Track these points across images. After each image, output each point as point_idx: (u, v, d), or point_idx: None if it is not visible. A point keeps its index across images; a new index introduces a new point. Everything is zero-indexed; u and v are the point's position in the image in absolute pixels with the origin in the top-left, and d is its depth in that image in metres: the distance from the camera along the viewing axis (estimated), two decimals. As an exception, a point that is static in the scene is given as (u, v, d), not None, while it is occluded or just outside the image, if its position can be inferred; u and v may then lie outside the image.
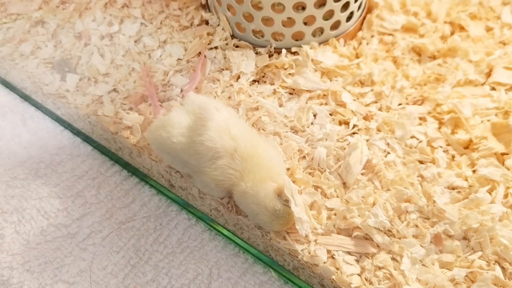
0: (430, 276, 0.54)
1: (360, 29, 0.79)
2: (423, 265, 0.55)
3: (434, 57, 0.76)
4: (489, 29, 0.78)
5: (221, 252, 0.64)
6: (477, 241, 0.56)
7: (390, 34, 0.78)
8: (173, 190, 0.68)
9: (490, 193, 0.59)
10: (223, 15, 0.75)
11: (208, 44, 0.76)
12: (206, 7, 0.81)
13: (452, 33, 0.78)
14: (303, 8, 0.70)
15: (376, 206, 0.58)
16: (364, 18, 0.79)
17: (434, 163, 0.62)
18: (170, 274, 0.62)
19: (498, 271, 0.54)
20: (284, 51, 0.72)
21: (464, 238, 0.57)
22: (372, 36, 0.78)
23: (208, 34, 0.77)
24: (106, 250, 0.64)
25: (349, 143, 0.64)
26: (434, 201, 0.58)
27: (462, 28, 0.78)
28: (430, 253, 0.56)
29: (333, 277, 0.55)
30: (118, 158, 0.73)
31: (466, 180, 0.61)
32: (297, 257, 0.57)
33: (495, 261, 0.55)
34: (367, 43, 0.77)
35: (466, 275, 0.54)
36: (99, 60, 0.77)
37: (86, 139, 0.76)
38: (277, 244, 0.58)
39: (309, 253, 0.56)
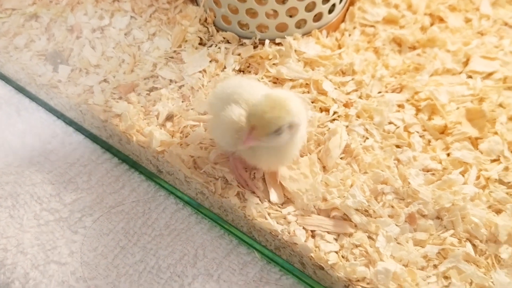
0: (404, 253, 0.56)
1: (343, 21, 0.82)
2: (398, 243, 0.58)
3: (414, 48, 0.78)
4: (468, 20, 0.81)
5: (207, 234, 0.66)
6: (449, 220, 0.58)
7: (372, 26, 0.81)
8: (161, 176, 0.71)
9: (463, 175, 0.62)
10: (210, 8, 0.78)
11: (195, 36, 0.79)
12: (194, 0, 0.83)
13: (431, 24, 0.80)
14: (286, 1, 0.72)
15: (354, 187, 0.61)
16: (347, 10, 0.82)
17: (410, 147, 0.65)
18: (157, 255, 0.65)
19: (469, 248, 0.56)
20: (267, 41, 0.75)
21: (437, 218, 0.59)
22: (354, 28, 0.80)
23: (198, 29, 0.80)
24: (96, 232, 0.67)
25: (329, 129, 0.67)
26: (409, 183, 0.61)
27: (441, 20, 0.81)
28: (404, 232, 0.58)
29: (312, 254, 0.57)
30: (109, 146, 0.76)
31: (440, 163, 0.63)
32: (278, 237, 0.59)
33: (466, 239, 0.57)
34: (349, 35, 0.80)
35: (438, 252, 0.57)
36: (90, 52, 0.79)
37: (79, 128, 0.79)
38: (259, 223, 0.60)
39: (289, 233, 0.59)
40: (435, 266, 0.56)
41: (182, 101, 0.72)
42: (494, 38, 0.78)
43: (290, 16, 0.75)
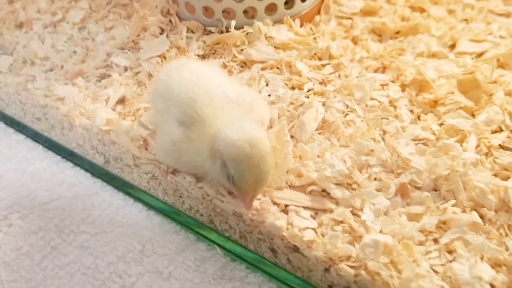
0: (396, 227, 0.45)
1: (317, 13, 0.76)
2: (388, 217, 0.47)
3: (395, 37, 0.71)
4: (450, 12, 0.75)
5: (158, 229, 0.55)
6: (449, 188, 0.48)
7: (349, 18, 0.75)
8: (109, 167, 0.60)
9: (461, 144, 0.52)
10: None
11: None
12: None
13: (413, 14, 0.75)
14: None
15: (332, 157, 0.50)
16: (322, 2, 0.76)
17: (397, 119, 0.56)
18: (96, 253, 0.52)
19: (475, 216, 0.45)
20: (233, 22, 0.67)
21: (434, 189, 0.49)
22: (330, 20, 0.74)
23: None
24: (23, 231, 0.55)
25: (304, 103, 0.58)
26: (398, 152, 0.51)
27: (423, 10, 0.75)
28: (396, 206, 0.48)
29: (283, 233, 0.46)
30: (51, 142, 0.65)
31: (434, 134, 0.54)
32: (242, 217, 0.48)
33: (472, 208, 0.46)
34: (325, 25, 0.73)
35: (439, 226, 0.46)
36: (38, 44, 0.71)
37: (20, 128, 0.69)
38: (220, 204, 0.49)
39: (256, 210, 0.48)
40: (435, 241, 0.45)
41: (137, 87, 0.64)
42: (481, 24, 0.71)
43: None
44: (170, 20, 0.73)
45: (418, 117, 0.57)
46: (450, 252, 0.44)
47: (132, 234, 0.54)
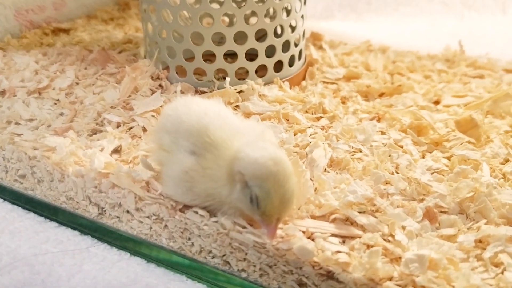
0: (434, 247, 0.42)
1: (303, 78, 0.78)
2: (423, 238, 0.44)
3: (381, 98, 0.74)
4: (427, 77, 0.80)
5: (163, 278, 0.49)
6: (477, 208, 0.46)
7: (334, 83, 0.77)
8: (103, 219, 0.55)
9: (475, 171, 0.52)
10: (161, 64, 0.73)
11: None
12: (145, 57, 0.78)
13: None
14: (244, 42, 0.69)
15: (353, 184, 0.49)
16: (306, 70, 0.79)
17: (406, 153, 0.55)
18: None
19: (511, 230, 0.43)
20: (228, 79, 0.68)
21: (461, 213, 0.47)
22: (316, 84, 0.76)
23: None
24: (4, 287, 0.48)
25: (309, 143, 0.57)
26: (418, 180, 0.50)
27: (402, 75, 0.79)
28: (427, 230, 0.45)
29: (315, 258, 0.42)
30: (34, 203, 0.59)
31: (446, 165, 0.54)
32: (265, 248, 0.44)
33: (505, 225, 0.45)
34: (313, 87, 0.75)
35: (476, 246, 0.43)
36: (22, 107, 0.68)
37: (-3, 192, 0.63)
38: (237, 237, 0.45)
39: (282, 237, 0.44)
40: (478, 257, 0.42)
41: (132, 140, 0.61)
42: (459, 84, 0.76)
43: (250, 60, 0.70)
44: (160, 84, 0.72)
45: (423, 155, 0.57)
46: (496, 265, 0.41)
47: (134, 284, 0.48)
